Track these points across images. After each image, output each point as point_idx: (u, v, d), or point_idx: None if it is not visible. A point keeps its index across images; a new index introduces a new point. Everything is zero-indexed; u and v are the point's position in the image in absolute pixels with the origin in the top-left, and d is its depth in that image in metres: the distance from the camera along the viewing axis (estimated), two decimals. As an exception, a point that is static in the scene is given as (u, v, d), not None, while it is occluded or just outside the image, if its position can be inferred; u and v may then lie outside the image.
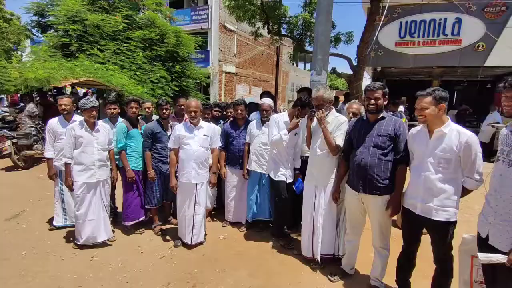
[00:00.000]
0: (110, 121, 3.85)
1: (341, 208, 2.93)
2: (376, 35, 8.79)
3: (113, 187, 3.85)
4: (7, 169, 6.51)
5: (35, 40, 12.15)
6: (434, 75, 11.99)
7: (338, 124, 2.79)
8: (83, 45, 9.31)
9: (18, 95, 10.59)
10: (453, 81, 13.11)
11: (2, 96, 11.89)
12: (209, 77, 15.81)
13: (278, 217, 3.48)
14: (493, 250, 1.73)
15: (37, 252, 3.22)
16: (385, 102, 2.45)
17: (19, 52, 20.32)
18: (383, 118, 2.46)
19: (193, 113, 3.25)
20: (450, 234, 2.10)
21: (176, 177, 3.39)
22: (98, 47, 9.36)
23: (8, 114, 9.03)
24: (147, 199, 3.69)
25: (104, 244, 3.37)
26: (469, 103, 11.48)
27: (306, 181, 3.06)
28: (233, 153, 3.87)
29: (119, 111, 3.96)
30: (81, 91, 12.84)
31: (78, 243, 3.27)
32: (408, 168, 2.39)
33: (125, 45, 9.90)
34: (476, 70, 10.22)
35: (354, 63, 5.76)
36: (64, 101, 3.56)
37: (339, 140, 2.73)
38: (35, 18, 10.84)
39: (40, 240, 3.48)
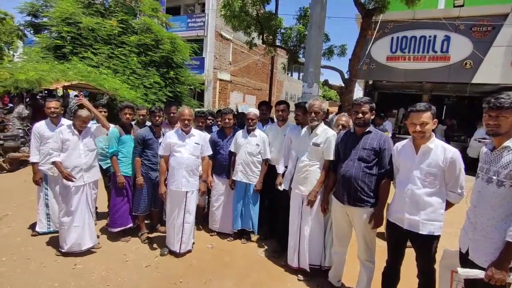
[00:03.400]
0: (97, 122, 3.86)
1: (328, 218, 2.95)
2: (368, 49, 9.01)
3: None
4: (-8, 172, 6.36)
5: (27, 41, 12.04)
6: (425, 89, 12.28)
7: (326, 137, 2.84)
8: (76, 47, 9.29)
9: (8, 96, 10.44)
10: (443, 96, 13.43)
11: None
12: (203, 84, 15.86)
13: (284, 228, 3.45)
14: (473, 265, 1.77)
15: (17, 258, 3.13)
16: (372, 116, 2.50)
17: (11, 52, 20.09)
18: (369, 132, 2.52)
19: (186, 121, 3.26)
20: (434, 247, 2.14)
21: (165, 184, 3.37)
22: (92, 50, 9.35)
23: (-4, 115, 8.86)
24: (135, 206, 3.65)
25: (88, 252, 3.30)
26: (458, 118, 11.75)
27: (293, 190, 3.08)
28: (219, 161, 3.86)
29: (106, 114, 4.00)
30: (72, 93, 12.71)
31: (63, 250, 3.19)
32: (392, 182, 2.43)
33: (119, 49, 9.91)
34: (464, 86, 10.51)
35: (346, 76, 5.87)
36: (53, 104, 3.52)
37: (331, 156, 2.79)
38: (28, 18, 10.78)
39: (22, 246, 3.39)
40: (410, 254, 2.34)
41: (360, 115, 2.46)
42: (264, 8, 6.56)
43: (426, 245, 2.14)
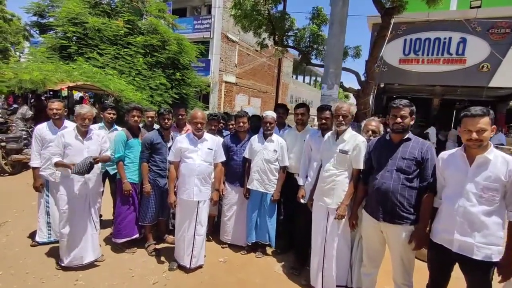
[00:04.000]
0: (105, 126, 3.73)
1: (356, 234, 2.67)
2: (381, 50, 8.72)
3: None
4: (-7, 175, 6.15)
5: (32, 41, 11.93)
6: (436, 93, 11.94)
7: (355, 144, 2.56)
8: (82, 48, 9.11)
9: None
10: (454, 100, 13.07)
11: (-4, 97, 11.60)
12: (209, 86, 15.66)
13: (303, 242, 3.16)
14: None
15: (15, 272, 2.88)
16: (412, 121, 2.22)
17: (17, 53, 20.09)
18: (408, 139, 2.23)
19: (199, 125, 3.00)
20: (491, 275, 1.84)
21: (175, 193, 3.10)
22: (98, 50, 9.17)
23: (0, 116, 8.68)
24: (142, 215, 3.38)
25: (90, 265, 3.04)
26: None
27: (316, 202, 2.80)
28: (233, 168, 3.59)
29: (115, 116, 3.81)
30: (77, 95, 12.55)
31: (63, 264, 2.93)
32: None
33: (125, 50, 9.72)
34: (479, 90, 10.17)
35: (362, 78, 5.59)
36: (55, 105, 3.27)
37: (361, 164, 2.52)
38: (35, 18, 10.65)
39: (20, 257, 3.14)
40: (455, 278, 2.05)
41: (399, 119, 2.18)
42: (276, 8, 6.33)
43: (480, 272, 1.85)
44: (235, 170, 3.59)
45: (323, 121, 2.93)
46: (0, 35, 18.23)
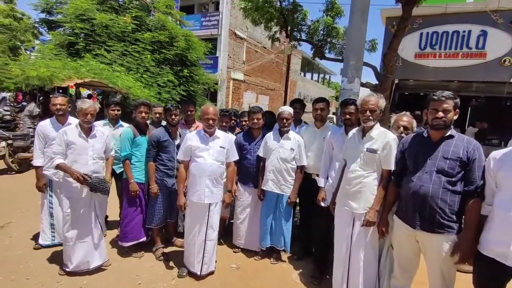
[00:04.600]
0: (110, 122, 3.55)
1: (384, 242, 2.41)
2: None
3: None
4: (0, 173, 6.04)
5: (41, 39, 11.90)
6: (451, 89, 11.47)
7: (385, 141, 2.29)
8: (89, 44, 9.00)
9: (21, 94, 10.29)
10: (470, 97, 12.56)
11: (5, 95, 11.63)
12: (217, 83, 15.46)
13: (323, 248, 2.95)
14: None
15: (15, 278, 2.70)
16: (455, 116, 1.94)
17: (28, 51, 20.22)
18: (451, 136, 1.96)
19: (210, 121, 2.76)
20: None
21: (184, 194, 2.88)
22: (105, 47, 9.06)
23: (8, 113, 8.63)
24: (149, 217, 3.18)
25: (95, 270, 2.85)
26: (487, 121, 10.92)
27: (340, 206, 2.54)
28: (246, 168, 3.36)
29: (120, 113, 3.64)
30: (85, 92, 12.49)
31: (68, 269, 2.74)
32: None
33: (133, 46, 9.59)
34: (497, 86, 9.69)
35: (380, 72, 5.28)
36: (59, 100, 3.08)
37: (392, 165, 2.25)
38: (43, 15, 10.59)
39: (22, 261, 2.96)
40: None
41: (441, 114, 1.90)
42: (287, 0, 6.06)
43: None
44: (248, 170, 3.35)
45: (348, 116, 2.67)
46: (11, 34, 18.36)
